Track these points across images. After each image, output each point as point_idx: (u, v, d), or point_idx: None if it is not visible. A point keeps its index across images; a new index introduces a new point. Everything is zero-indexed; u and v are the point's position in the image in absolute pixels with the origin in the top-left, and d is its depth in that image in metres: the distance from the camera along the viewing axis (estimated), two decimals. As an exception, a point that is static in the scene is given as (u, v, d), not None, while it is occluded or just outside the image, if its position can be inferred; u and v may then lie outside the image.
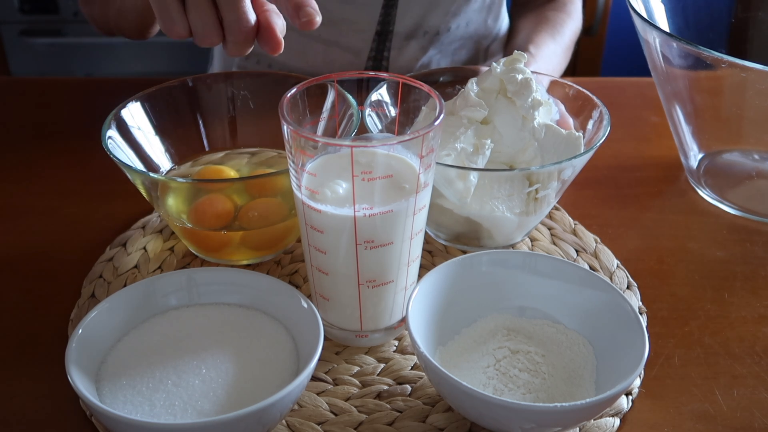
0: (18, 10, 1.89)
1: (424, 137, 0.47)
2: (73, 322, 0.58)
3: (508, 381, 0.51)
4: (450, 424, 0.51)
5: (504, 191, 0.62)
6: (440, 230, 0.67)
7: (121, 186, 0.66)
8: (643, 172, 0.80)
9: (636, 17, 0.73)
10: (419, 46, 0.93)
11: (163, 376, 0.48)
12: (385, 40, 0.92)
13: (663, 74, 0.74)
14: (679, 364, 0.57)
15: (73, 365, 0.46)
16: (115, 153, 0.59)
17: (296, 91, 0.51)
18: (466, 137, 0.62)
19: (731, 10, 0.86)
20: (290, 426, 0.51)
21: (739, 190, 0.77)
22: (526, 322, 0.56)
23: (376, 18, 0.89)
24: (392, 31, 0.91)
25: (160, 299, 0.54)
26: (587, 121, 0.67)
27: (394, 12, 0.89)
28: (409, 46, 0.92)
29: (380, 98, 0.66)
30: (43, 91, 0.95)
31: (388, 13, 0.89)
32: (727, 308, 0.62)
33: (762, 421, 0.52)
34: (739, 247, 0.69)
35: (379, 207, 0.48)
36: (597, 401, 0.45)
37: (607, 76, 2.03)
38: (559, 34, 0.88)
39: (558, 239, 0.69)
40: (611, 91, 0.95)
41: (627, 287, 0.64)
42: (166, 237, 0.67)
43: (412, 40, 0.92)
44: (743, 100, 0.71)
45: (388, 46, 0.92)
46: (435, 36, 0.92)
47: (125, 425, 0.43)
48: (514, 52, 0.65)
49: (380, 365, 0.56)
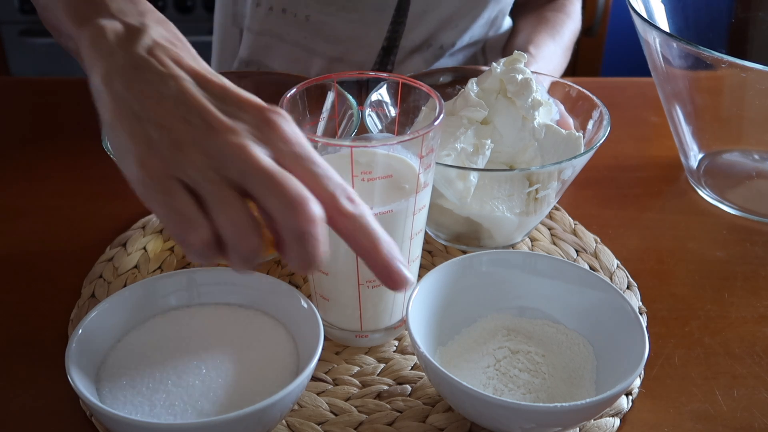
0: (18, 10, 1.89)
1: (424, 137, 0.47)
2: (73, 322, 0.58)
3: (508, 381, 0.51)
4: (450, 424, 0.51)
5: (504, 191, 0.62)
6: (440, 230, 0.67)
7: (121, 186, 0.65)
8: (643, 172, 0.80)
9: (636, 17, 0.73)
10: (423, 59, 0.93)
11: (163, 376, 0.48)
12: (390, 54, 0.91)
13: (663, 74, 0.74)
14: (679, 364, 0.57)
15: (73, 365, 0.46)
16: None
17: (296, 91, 0.51)
18: (466, 137, 0.62)
19: (731, 10, 0.86)
20: (290, 426, 0.51)
21: (739, 190, 0.77)
22: (526, 322, 0.56)
23: (384, 35, 0.88)
24: (398, 46, 0.91)
25: (160, 299, 0.54)
26: (587, 121, 0.67)
27: (402, 29, 0.89)
28: (413, 59, 0.92)
29: (380, 98, 0.66)
30: (43, 91, 0.95)
31: (396, 30, 0.88)
32: (727, 308, 0.62)
33: (762, 421, 0.52)
34: (739, 247, 0.69)
35: (378, 207, 0.48)
36: (597, 401, 0.45)
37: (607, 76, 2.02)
38: (559, 34, 0.88)
39: (558, 239, 0.69)
40: (611, 91, 0.95)
41: (627, 287, 0.64)
42: (166, 237, 0.67)
43: (416, 54, 0.92)
44: (743, 100, 0.72)
45: (392, 60, 0.92)
46: (439, 50, 0.92)
47: (125, 425, 0.43)
48: (514, 52, 0.65)
49: (380, 365, 0.56)
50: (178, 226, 0.38)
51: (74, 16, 0.49)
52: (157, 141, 0.39)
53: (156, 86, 0.42)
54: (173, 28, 0.48)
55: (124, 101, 0.41)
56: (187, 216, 0.38)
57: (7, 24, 1.91)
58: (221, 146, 0.39)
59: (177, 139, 0.39)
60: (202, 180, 0.38)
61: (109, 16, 0.47)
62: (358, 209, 0.40)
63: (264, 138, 0.40)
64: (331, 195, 0.39)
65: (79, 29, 0.48)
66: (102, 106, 0.43)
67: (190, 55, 0.45)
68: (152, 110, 0.41)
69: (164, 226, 0.39)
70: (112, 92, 0.42)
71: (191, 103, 0.41)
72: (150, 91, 0.41)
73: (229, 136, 0.39)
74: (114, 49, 0.44)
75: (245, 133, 0.40)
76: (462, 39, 0.92)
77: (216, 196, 0.38)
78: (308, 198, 0.38)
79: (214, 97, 0.41)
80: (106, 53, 0.44)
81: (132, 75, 0.42)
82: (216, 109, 0.41)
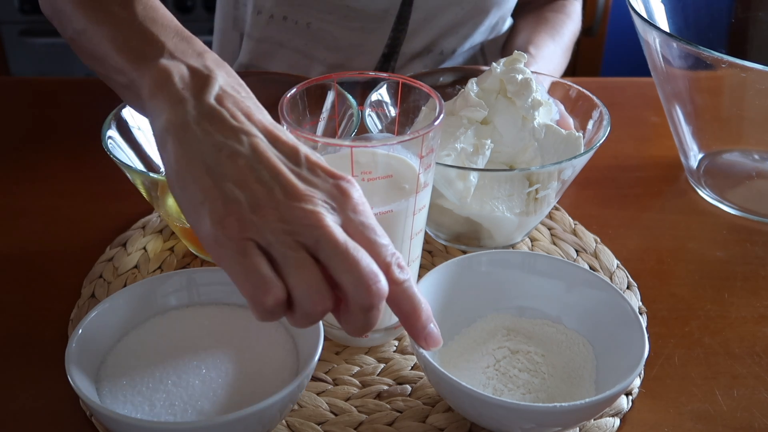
0: (18, 10, 1.89)
1: (424, 137, 0.47)
2: (73, 322, 0.58)
3: (507, 381, 0.51)
4: (450, 424, 0.51)
5: (504, 191, 0.62)
6: (440, 230, 0.67)
7: (121, 186, 0.66)
8: (643, 172, 0.80)
9: (636, 17, 0.73)
10: (423, 65, 0.93)
11: (163, 376, 0.48)
12: (390, 60, 0.91)
13: (663, 74, 0.74)
14: (679, 364, 0.57)
15: (73, 365, 0.46)
16: (115, 153, 0.59)
17: (296, 91, 0.51)
18: (466, 137, 0.62)
19: (731, 10, 0.86)
20: (290, 426, 0.51)
21: (739, 190, 0.77)
22: (526, 322, 0.56)
23: (384, 41, 0.88)
24: (399, 53, 0.91)
25: (160, 299, 0.54)
26: (587, 121, 0.67)
27: (403, 36, 0.89)
28: (413, 64, 0.92)
29: (380, 98, 0.66)
30: (43, 91, 0.95)
31: (397, 37, 0.88)
32: (727, 308, 0.62)
33: (762, 421, 0.52)
34: (739, 247, 0.69)
35: (379, 207, 0.48)
36: (597, 401, 0.45)
37: (607, 76, 2.02)
38: (559, 35, 0.88)
39: (558, 239, 0.69)
40: (611, 91, 0.95)
41: (627, 287, 0.64)
42: (166, 237, 0.67)
43: (416, 60, 0.92)
44: (743, 100, 0.72)
45: (392, 66, 0.92)
46: (440, 55, 0.92)
47: (125, 425, 0.43)
48: (514, 52, 0.65)
49: (380, 365, 0.56)
50: (254, 287, 0.39)
51: (126, 50, 0.49)
52: (234, 201, 0.40)
53: (229, 141, 0.42)
54: (231, 70, 0.48)
55: (195, 153, 0.42)
56: (264, 278, 0.39)
57: (7, 24, 1.91)
58: (298, 213, 0.40)
59: (255, 201, 0.40)
60: (276, 243, 0.39)
61: (169, 56, 0.47)
62: (405, 276, 0.42)
63: (336, 206, 0.41)
64: (387, 264, 0.41)
65: (135, 67, 0.48)
66: (167, 154, 0.43)
67: (255, 104, 0.46)
68: (226, 166, 0.41)
69: (237, 285, 0.40)
70: (182, 142, 0.42)
71: (266, 163, 0.41)
72: (223, 145, 0.41)
73: (306, 204, 0.40)
74: (183, 96, 0.44)
75: (320, 201, 0.41)
76: (463, 46, 0.92)
77: (291, 260, 0.39)
78: (379, 276, 0.40)
79: (287, 158, 0.42)
80: (174, 101, 0.44)
81: (204, 126, 0.42)
82: (290, 173, 0.41)
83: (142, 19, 0.49)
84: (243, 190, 0.40)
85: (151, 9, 0.51)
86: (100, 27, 0.50)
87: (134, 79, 0.48)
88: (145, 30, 0.49)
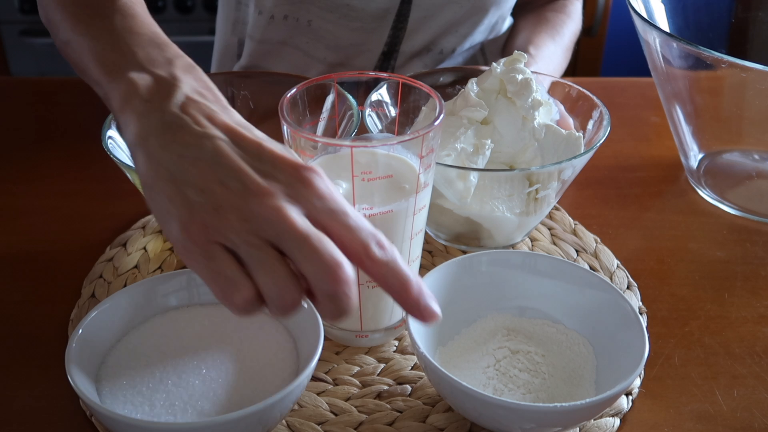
0: (18, 10, 1.89)
1: (424, 137, 0.47)
2: (73, 322, 0.58)
3: (508, 381, 0.51)
4: (450, 424, 0.51)
5: (504, 191, 0.62)
6: (440, 230, 0.67)
7: (121, 186, 0.66)
8: (643, 172, 0.80)
9: (636, 17, 0.73)
10: (423, 64, 0.93)
11: (163, 376, 0.48)
12: (390, 59, 0.92)
13: (663, 74, 0.74)
14: (679, 364, 0.57)
15: (73, 365, 0.46)
16: (115, 153, 0.59)
17: (296, 91, 0.51)
18: (466, 137, 0.62)
19: (731, 10, 0.86)
20: (290, 426, 0.51)
21: (739, 190, 0.77)
22: (526, 322, 0.56)
23: (384, 40, 0.89)
24: (398, 51, 0.91)
25: (160, 299, 0.54)
26: (587, 121, 0.67)
27: (402, 34, 0.89)
28: (412, 63, 0.93)
29: (380, 98, 0.66)
30: (43, 91, 0.95)
31: (396, 35, 0.89)
32: (727, 308, 0.62)
33: (762, 421, 0.52)
34: (739, 247, 0.69)
35: (379, 207, 0.48)
36: (597, 401, 0.45)
37: (607, 76, 2.02)
38: (559, 35, 0.88)
39: (558, 239, 0.69)
40: (611, 91, 0.95)
41: (627, 287, 0.64)
42: (166, 237, 0.67)
43: (416, 59, 0.92)
44: (743, 100, 0.72)
45: (392, 65, 0.92)
46: (440, 54, 0.92)
47: (125, 425, 0.43)
48: (514, 52, 0.65)
49: (380, 365, 0.56)
50: (222, 288, 0.40)
51: (101, 62, 0.49)
52: (196, 205, 0.40)
53: (191, 147, 0.42)
54: (201, 74, 0.48)
55: (160, 163, 0.42)
56: (231, 279, 0.40)
57: (7, 24, 1.91)
58: (258, 210, 0.40)
59: (216, 204, 0.40)
60: (241, 243, 0.40)
61: (138, 67, 0.47)
62: (388, 254, 0.41)
63: (299, 196, 0.41)
64: (364, 245, 0.41)
65: (108, 80, 0.48)
66: (138, 165, 0.44)
67: (221, 106, 0.46)
68: (189, 173, 0.41)
69: (208, 286, 0.41)
70: (148, 153, 0.43)
71: (227, 164, 0.41)
72: (185, 152, 0.42)
73: (266, 199, 0.40)
74: (147, 108, 0.45)
75: (280, 194, 0.41)
76: (463, 45, 0.92)
77: (256, 258, 0.40)
78: (340, 263, 0.39)
79: (249, 155, 0.42)
80: (139, 113, 0.45)
81: (167, 136, 0.43)
82: (252, 170, 0.41)
83: (120, 30, 0.50)
84: (204, 194, 0.41)
85: (130, 17, 0.51)
86: (83, 39, 0.51)
87: (107, 92, 0.49)
88: (121, 41, 0.50)
